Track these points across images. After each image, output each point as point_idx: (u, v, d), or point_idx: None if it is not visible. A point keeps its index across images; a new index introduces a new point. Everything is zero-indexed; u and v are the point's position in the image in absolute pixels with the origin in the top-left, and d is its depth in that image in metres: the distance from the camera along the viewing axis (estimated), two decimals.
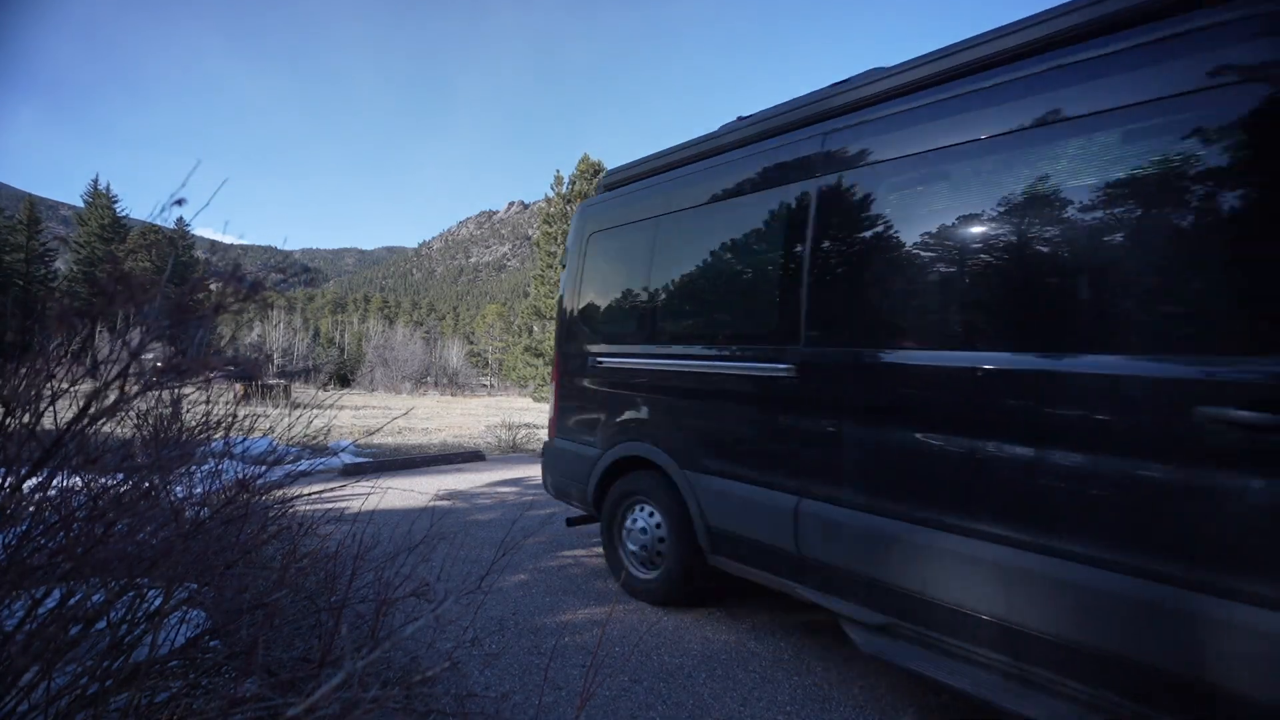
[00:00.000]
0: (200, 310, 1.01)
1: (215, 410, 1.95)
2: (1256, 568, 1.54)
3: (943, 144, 2.25)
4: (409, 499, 5.80)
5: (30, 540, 1.13)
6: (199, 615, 1.82)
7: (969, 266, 2.15)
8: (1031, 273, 2.00)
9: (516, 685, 2.45)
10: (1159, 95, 1.77)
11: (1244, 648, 1.54)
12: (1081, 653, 1.78)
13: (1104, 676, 1.75)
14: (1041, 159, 1.99)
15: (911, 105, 2.39)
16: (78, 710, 1.18)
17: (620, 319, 3.62)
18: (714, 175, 3.16)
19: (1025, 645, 1.89)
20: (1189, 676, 1.61)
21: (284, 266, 1.18)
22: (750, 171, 2.96)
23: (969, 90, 2.22)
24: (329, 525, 2.73)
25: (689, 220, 3.25)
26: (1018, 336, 2.01)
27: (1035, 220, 1.99)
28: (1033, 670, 1.89)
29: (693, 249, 3.21)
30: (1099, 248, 1.86)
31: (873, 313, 2.41)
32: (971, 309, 2.15)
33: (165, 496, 1.49)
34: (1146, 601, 1.67)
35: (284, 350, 49.82)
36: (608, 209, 3.81)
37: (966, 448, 2.06)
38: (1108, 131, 1.87)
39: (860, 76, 2.67)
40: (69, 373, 1.10)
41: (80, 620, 1.17)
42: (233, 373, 1.16)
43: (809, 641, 2.97)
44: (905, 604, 2.19)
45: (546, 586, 3.62)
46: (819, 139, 2.68)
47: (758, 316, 2.83)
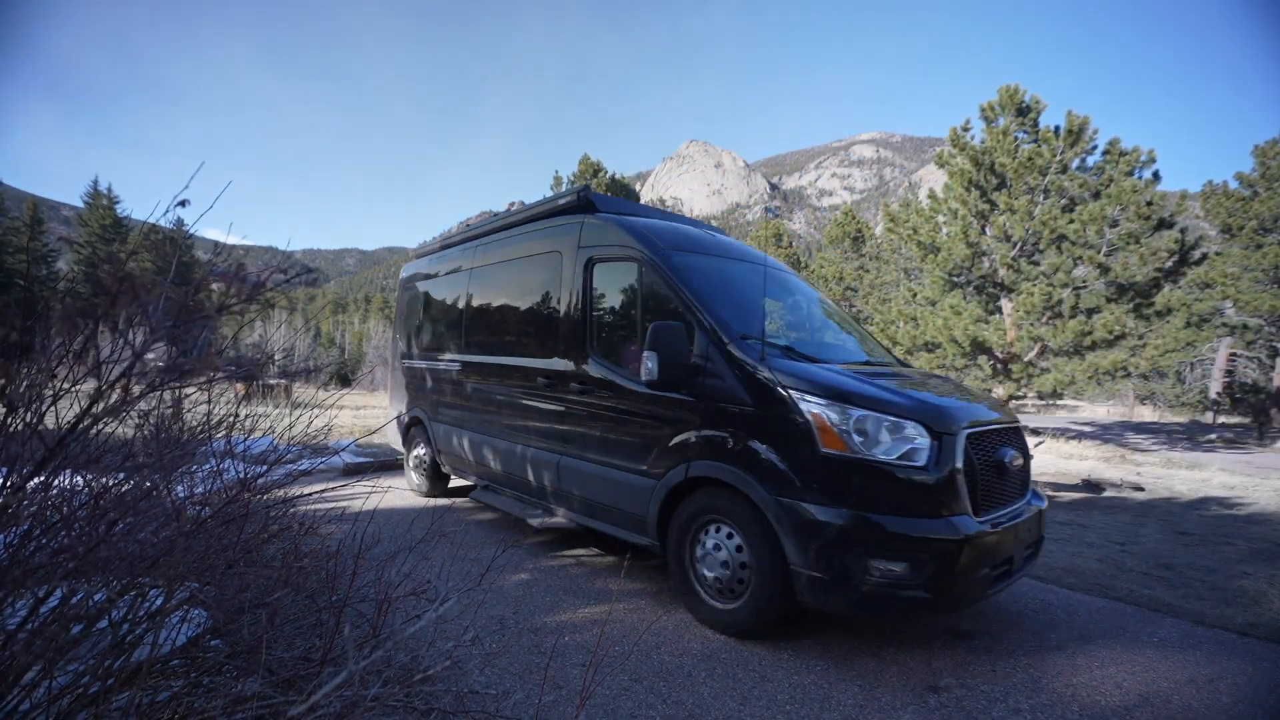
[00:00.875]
0: (204, 310, 1.01)
1: (217, 410, 1.96)
2: (580, 442, 3.84)
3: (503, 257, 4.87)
4: (410, 498, 5.81)
5: (33, 539, 1.14)
6: (200, 614, 1.82)
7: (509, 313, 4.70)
8: (515, 320, 4.62)
9: (517, 684, 2.45)
10: (546, 250, 4.33)
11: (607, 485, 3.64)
12: (539, 487, 4.21)
13: (557, 499, 4.07)
14: (515, 268, 4.69)
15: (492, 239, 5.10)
16: (79, 709, 1.19)
17: (411, 338, 6.17)
18: (439, 261, 5.87)
19: (528, 488, 4.33)
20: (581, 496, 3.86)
21: (286, 266, 1.18)
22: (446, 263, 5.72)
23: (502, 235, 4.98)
24: (330, 525, 2.73)
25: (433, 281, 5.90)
26: (516, 349, 4.53)
27: (514, 295, 4.66)
28: (530, 498, 4.38)
29: (432, 298, 5.88)
30: (525, 313, 4.50)
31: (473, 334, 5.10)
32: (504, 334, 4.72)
33: (167, 496, 1.50)
34: (545, 460, 4.09)
35: (285, 350, 50.05)
36: (412, 269, 6.44)
37: (500, 397, 4.62)
38: (530, 260, 4.50)
39: (479, 223, 5.43)
40: (71, 373, 1.11)
41: (82, 619, 1.18)
42: (235, 373, 1.17)
43: (808, 641, 2.97)
44: (491, 474, 4.77)
45: (547, 585, 3.62)
46: (472, 248, 5.34)
47: (449, 337, 5.46)
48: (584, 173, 26.54)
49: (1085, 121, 14.08)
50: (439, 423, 5.43)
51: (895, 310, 17.52)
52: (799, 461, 2.73)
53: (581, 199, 4.14)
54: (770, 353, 3.05)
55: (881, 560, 2.54)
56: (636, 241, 3.63)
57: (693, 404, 3.14)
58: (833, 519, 2.61)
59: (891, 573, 2.54)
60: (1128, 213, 13.40)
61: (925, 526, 2.55)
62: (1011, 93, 14.95)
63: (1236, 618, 3.44)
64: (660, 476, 3.26)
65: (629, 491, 3.45)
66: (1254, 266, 19.72)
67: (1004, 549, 2.75)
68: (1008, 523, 2.79)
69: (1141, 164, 14.00)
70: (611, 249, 3.79)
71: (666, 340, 3.04)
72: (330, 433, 2.47)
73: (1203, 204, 21.63)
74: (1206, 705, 2.49)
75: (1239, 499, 7.80)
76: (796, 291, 4.41)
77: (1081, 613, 3.48)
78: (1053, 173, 14.14)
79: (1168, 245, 13.28)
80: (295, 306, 11.03)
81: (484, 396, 4.81)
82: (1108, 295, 13.95)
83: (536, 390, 4.17)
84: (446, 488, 5.96)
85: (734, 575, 2.97)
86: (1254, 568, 4.49)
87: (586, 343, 3.84)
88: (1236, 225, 20.52)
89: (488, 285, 4.97)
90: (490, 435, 4.71)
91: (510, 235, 4.81)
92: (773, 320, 3.94)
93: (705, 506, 3.09)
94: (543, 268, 4.29)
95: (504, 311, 4.73)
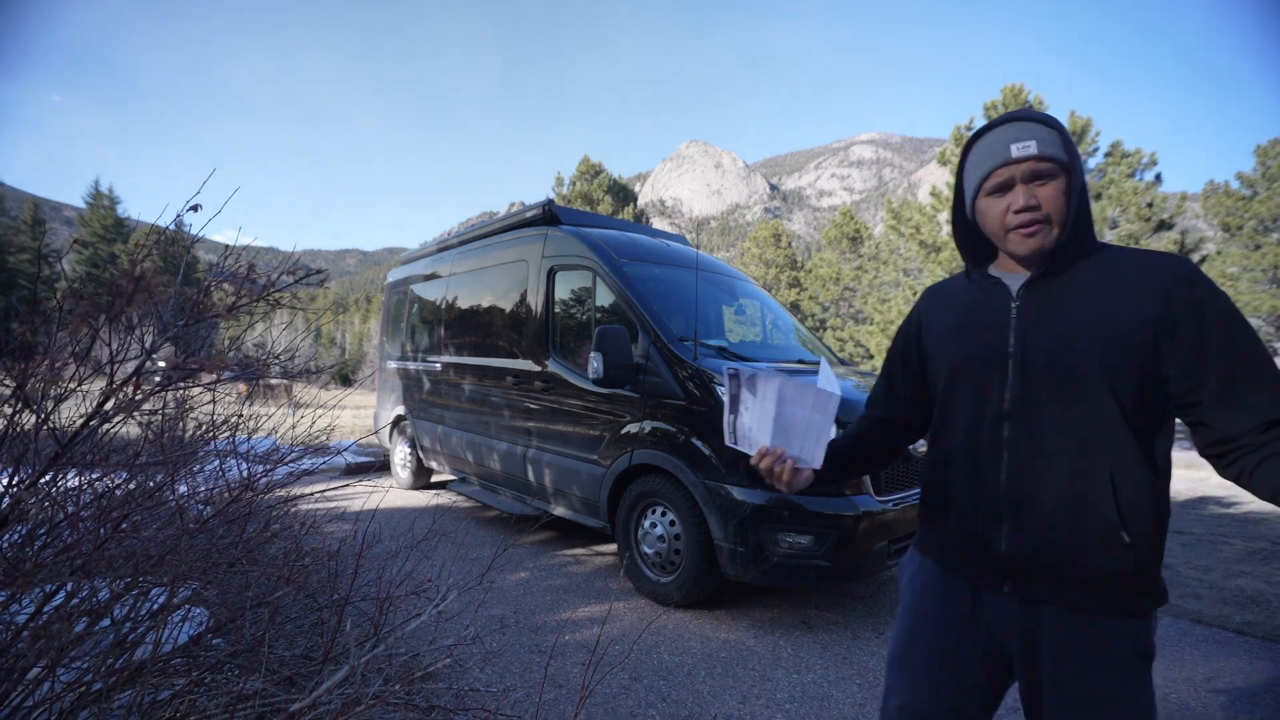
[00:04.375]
0: (214, 310, 1.02)
1: (220, 410, 1.97)
2: (542, 435, 4.18)
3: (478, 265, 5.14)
4: (410, 497, 5.82)
5: (39, 537, 1.15)
6: (202, 613, 1.83)
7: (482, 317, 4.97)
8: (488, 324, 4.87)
9: (517, 682, 2.47)
10: (515, 259, 4.64)
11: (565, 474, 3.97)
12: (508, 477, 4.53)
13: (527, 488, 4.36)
14: (488, 275, 4.97)
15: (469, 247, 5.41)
16: (82, 707, 1.20)
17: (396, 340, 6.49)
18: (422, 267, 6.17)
19: (501, 479, 4.64)
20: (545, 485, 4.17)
21: (295, 268, 1.19)
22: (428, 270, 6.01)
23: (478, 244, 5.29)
24: (331, 524, 2.74)
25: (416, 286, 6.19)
26: (488, 350, 4.80)
27: (487, 301, 4.93)
28: (499, 487, 4.73)
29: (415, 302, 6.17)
30: (496, 317, 4.76)
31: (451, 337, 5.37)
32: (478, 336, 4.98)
33: (171, 495, 1.51)
34: (518, 454, 4.36)
35: (288, 351, 50.11)
36: (398, 274, 6.74)
37: (475, 395, 4.91)
38: (500, 268, 4.81)
39: (459, 232, 5.77)
40: (78, 372, 1.12)
41: (87, 614, 1.19)
42: (240, 373, 1.18)
43: (808, 640, 2.98)
44: (468, 467, 5.06)
45: (547, 584, 3.63)
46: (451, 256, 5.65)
47: (429, 339, 5.74)
48: (584, 173, 26.54)
49: (1088, 123, 14.09)
50: (421, 420, 5.77)
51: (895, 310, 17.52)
52: (720, 448, 3.05)
53: (546, 212, 4.50)
54: (705, 352, 3.39)
55: (790, 534, 2.86)
56: (592, 252, 3.99)
57: (636, 399, 3.50)
58: (749, 498, 2.95)
59: (799, 545, 2.86)
60: (1128, 214, 13.41)
61: (827, 504, 2.85)
62: (1015, 92, 14.96)
63: (1234, 617, 3.45)
64: (609, 465, 3.63)
65: (584, 479, 3.82)
66: (1253, 267, 19.72)
67: (903, 525, 3.03)
68: (910, 502, 3.10)
69: (1143, 166, 14.01)
70: (571, 259, 4.14)
71: (611, 342, 3.37)
72: (332, 433, 2.48)
73: (1203, 203, 21.62)
74: (1204, 704, 2.50)
75: (1236, 498, 7.81)
76: (748, 296, 4.85)
77: None
78: None
79: (1168, 246, 13.29)
80: (300, 307, 11.26)
81: (460, 395, 5.14)
82: None
83: (506, 388, 4.52)
84: (430, 482, 6.34)
85: (670, 549, 3.33)
86: (1251, 567, 4.50)
87: (548, 344, 4.20)
88: (1236, 225, 20.52)
89: (464, 291, 5.31)
90: (466, 431, 5.04)
91: (485, 244, 5.17)
92: (727, 323, 4.51)
93: (647, 490, 3.44)
94: (512, 275, 4.66)
95: (478, 315, 5.05)
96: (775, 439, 1.18)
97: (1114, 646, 0.99)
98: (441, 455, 5.44)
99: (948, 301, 1.24)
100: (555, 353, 4.15)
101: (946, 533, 1.16)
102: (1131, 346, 0.97)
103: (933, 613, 1.17)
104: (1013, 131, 1.04)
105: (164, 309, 1.02)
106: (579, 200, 25.26)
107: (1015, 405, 1.05)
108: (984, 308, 1.14)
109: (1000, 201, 1.06)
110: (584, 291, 4.14)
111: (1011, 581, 1.06)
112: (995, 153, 1.05)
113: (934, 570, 1.19)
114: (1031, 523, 1.03)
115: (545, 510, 4.20)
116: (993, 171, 1.05)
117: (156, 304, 0.96)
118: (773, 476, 1.20)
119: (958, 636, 1.13)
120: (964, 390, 1.13)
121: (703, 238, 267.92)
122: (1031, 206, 1.02)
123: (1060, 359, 1.01)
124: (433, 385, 5.57)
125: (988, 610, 1.10)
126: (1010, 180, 1.03)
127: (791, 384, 1.12)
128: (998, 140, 1.05)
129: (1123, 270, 1.02)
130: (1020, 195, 1.03)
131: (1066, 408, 1.00)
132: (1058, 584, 1.02)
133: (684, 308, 3.88)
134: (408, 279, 6.35)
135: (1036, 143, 1.01)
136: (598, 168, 26.90)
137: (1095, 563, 0.99)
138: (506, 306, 4.65)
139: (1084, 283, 1.04)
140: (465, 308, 5.22)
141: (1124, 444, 0.98)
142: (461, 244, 5.57)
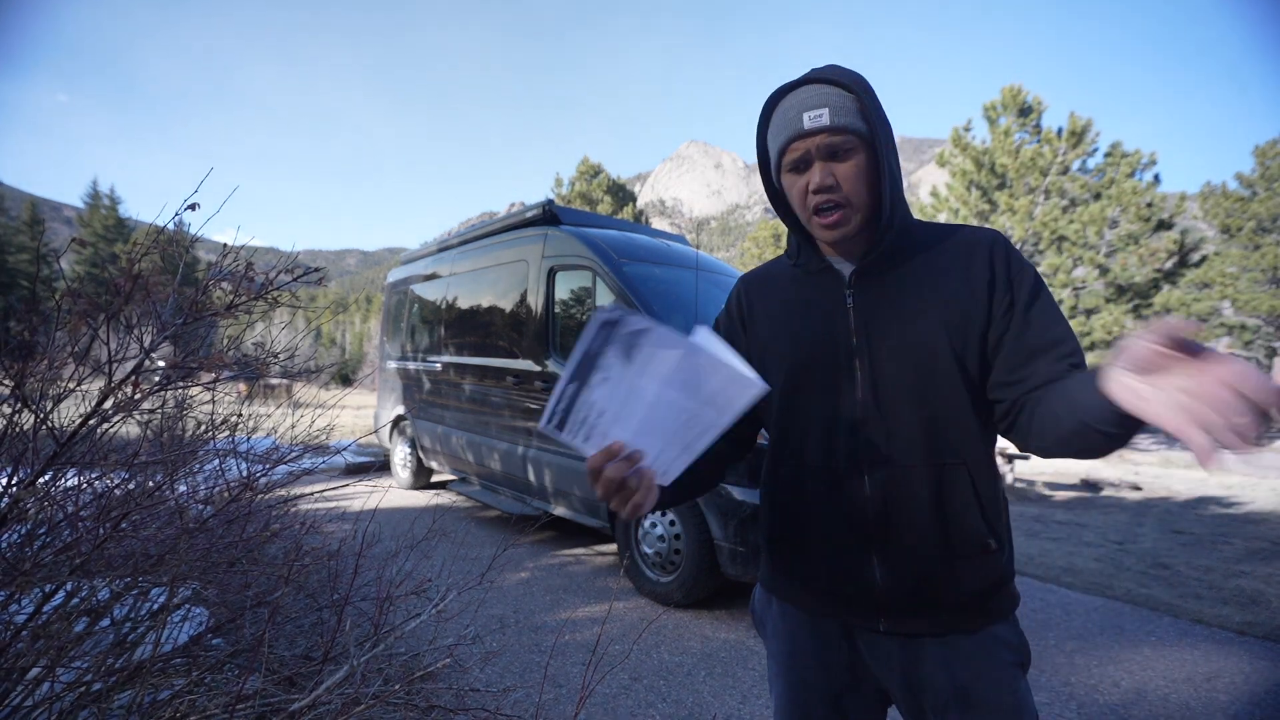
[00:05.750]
0: (213, 309, 1.02)
1: (219, 409, 1.97)
2: (543, 435, 4.00)
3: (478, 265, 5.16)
4: (410, 497, 5.82)
5: (38, 537, 1.15)
6: (202, 613, 1.83)
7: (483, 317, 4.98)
8: (488, 324, 4.87)
9: (517, 682, 2.47)
10: (515, 259, 4.66)
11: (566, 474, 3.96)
12: (508, 477, 4.54)
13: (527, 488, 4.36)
14: (488, 275, 4.98)
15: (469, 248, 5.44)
16: (82, 707, 1.20)
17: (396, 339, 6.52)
18: (422, 267, 6.21)
19: (502, 479, 4.67)
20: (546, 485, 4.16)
21: (293, 267, 1.19)
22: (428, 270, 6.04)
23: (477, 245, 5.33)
24: (331, 523, 2.74)
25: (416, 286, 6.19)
26: (488, 350, 4.81)
27: (487, 301, 4.94)
28: (499, 487, 4.76)
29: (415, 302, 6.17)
30: (497, 317, 4.76)
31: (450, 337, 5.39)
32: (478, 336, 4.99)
33: (170, 495, 1.51)
34: (519, 454, 4.36)
35: (288, 350, 50.34)
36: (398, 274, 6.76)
37: (475, 395, 4.92)
38: (501, 268, 4.83)
39: (459, 232, 5.83)
40: (76, 372, 1.12)
41: (88, 613, 1.19)
42: (240, 373, 1.18)
43: None
44: (469, 467, 5.09)
45: (547, 584, 3.63)
46: (451, 256, 5.67)
47: (429, 339, 5.76)
48: (583, 174, 26.54)
49: (1088, 124, 14.10)
50: (421, 420, 5.81)
51: None
52: None
53: (546, 212, 4.51)
54: None
55: None
56: (592, 252, 4.01)
57: None
58: (749, 498, 2.98)
59: None
60: (1127, 214, 13.43)
61: None
62: (1014, 93, 14.96)
63: (1234, 616, 3.45)
64: None
65: (584, 478, 3.84)
66: (1252, 267, 19.73)
67: None
68: None
69: (1143, 166, 14.02)
70: (571, 258, 4.16)
71: None
72: (332, 432, 2.48)
73: (1201, 204, 21.64)
74: (1204, 704, 2.50)
75: (1236, 498, 7.81)
76: None
77: (1079, 612, 3.49)
78: (1054, 174, 14.16)
79: (1167, 246, 13.31)
80: (300, 306, 11.08)
81: (460, 395, 5.16)
82: (1107, 296, 13.96)
83: (506, 388, 4.54)
84: (430, 481, 6.36)
85: (671, 549, 3.37)
86: (1251, 566, 4.50)
87: (548, 344, 4.21)
88: (1235, 226, 20.53)
89: (464, 291, 5.32)
90: (467, 431, 5.06)
91: (485, 244, 5.19)
92: None
93: None
94: (512, 275, 4.68)
95: (478, 315, 5.06)
96: (639, 435, 0.74)
97: (991, 658, 0.90)
98: (441, 455, 5.48)
99: (773, 292, 1.06)
100: (555, 352, 4.17)
101: (808, 571, 0.99)
102: (975, 320, 0.88)
103: (812, 679, 1.00)
104: (805, 96, 0.88)
105: (163, 308, 1.02)
106: (578, 200, 25.26)
107: (869, 410, 0.91)
108: (817, 300, 0.98)
109: (800, 179, 0.91)
110: (584, 291, 4.17)
111: (887, 618, 0.92)
112: (789, 122, 0.89)
113: (797, 616, 1.02)
114: (900, 549, 0.90)
115: (545, 510, 4.22)
116: (788, 145, 0.90)
117: (155, 303, 0.96)
118: (614, 492, 0.74)
119: (845, 694, 0.98)
120: (809, 397, 0.97)
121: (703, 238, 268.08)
122: (827, 186, 0.88)
123: (910, 351, 0.90)
124: (433, 385, 5.60)
125: (865, 654, 0.96)
126: (808, 156, 0.89)
127: (700, 358, 0.72)
128: (792, 107, 0.89)
129: (949, 246, 0.93)
130: (816, 173, 0.88)
131: (921, 406, 0.90)
132: (934, 611, 0.90)
133: (684, 308, 3.90)
134: (408, 279, 6.38)
135: (829, 111, 0.86)
136: (597, 168, 26.90)
137: (969, 578, 0.89)
138: (507, 306, 4.66)
139: (917, 264, 0.93)
140: (465, 308, 5.24)
141: (976, 439, 0.90)
142: (462, 244, 5.61)
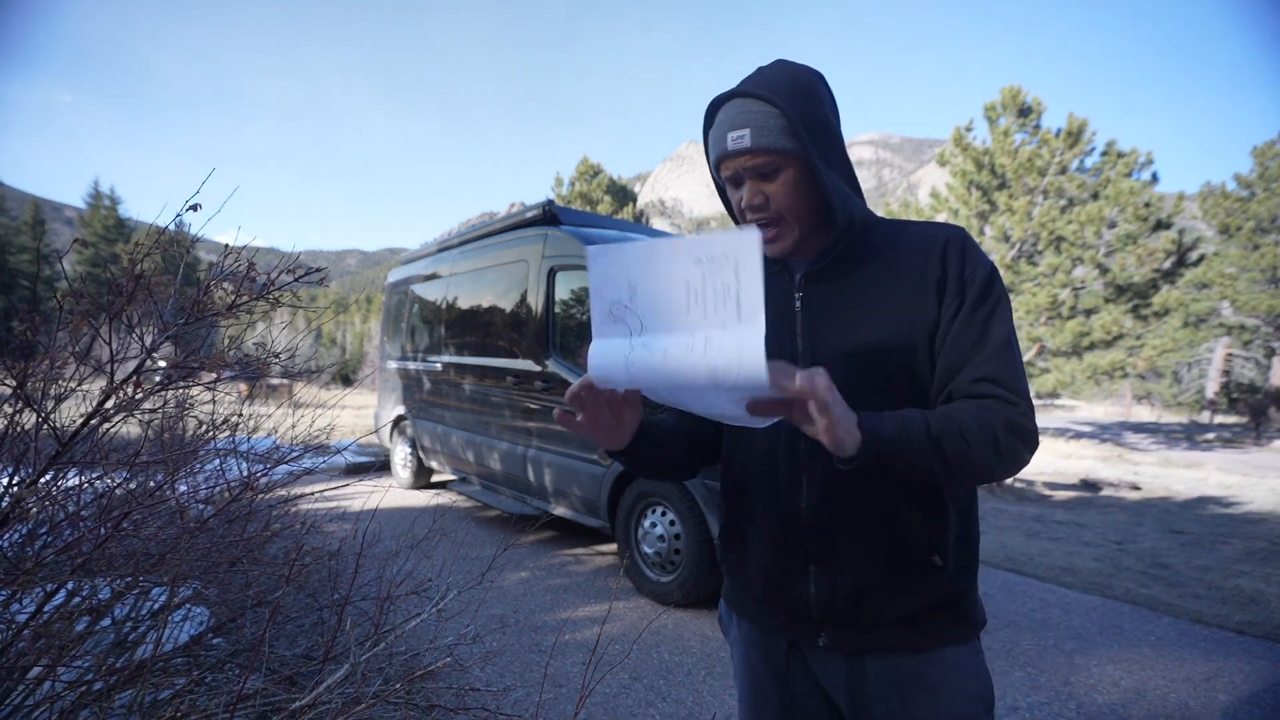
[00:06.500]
0: (214, 309, 1.03)
1: (220, 409, 1.97)
2: (543, 435, 4.23)
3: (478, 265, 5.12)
4: (411, 497, 5.82)
5: (40, 536, 1.15)
6: (202, 612, 1.83)
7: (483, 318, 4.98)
8: (488, 324, 4.87)
9: (517, 681, 2.47)
10: (515, 259, 4.62)
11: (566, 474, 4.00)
12: (509, 477, 4.57)
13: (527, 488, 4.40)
14: (488, 275, 4.95)
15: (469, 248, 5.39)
16: (83, 706, 1.20)
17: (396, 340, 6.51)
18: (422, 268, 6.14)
19: (502, 479, 4.68)
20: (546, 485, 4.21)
21: (294, 267, 1.19)
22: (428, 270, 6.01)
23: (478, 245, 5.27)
24: (332, 523, 2.74)
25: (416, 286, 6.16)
26: (489, 350, 4.81)
27: (487, 301, 4.92)
28: (499, 487, 4.79)
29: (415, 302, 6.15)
30: (497, 317, 4.75)
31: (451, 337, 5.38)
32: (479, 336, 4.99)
33: (171, 494, 1.51)
34: (519, 454, 4.41)
35: (289, 350, 50.54)
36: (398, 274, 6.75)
37: (476, 395, 4.92)
38: (501, 269, 4.79)
39: (459, 232, 5.72)
40: (77, 372, 1.12)
41: (89, 613, 1.19)
42: (241, 373, 1.18)
43: None
44: (469, 467, 5.11)
45: (547, 584, 3.63)
46: (452, 256, 5.64)
47: (429, 339, 5.74)
48: (583, 174, 26.54)
49: (1084, 123, 14.10)
50: (422, 420, 5.82)
51: None
52: None
53: (546, 212, 4.50)
54: None
55: None
56: None
57: None
58: None
59: None
60: (1125, 214, 13.43)
61: None
62: (1014, 93, 14.96)
63: (1233, 616, 3.45)
64: (609, 464, 3.67)
65: (584, 478, 3.89)
66: (1251, 267, 19.75)
67: None
68: None
69: (1140, 165, 14.03)
70: (571, 259, 4.17)
71: None
72: (332, 432, 2.48)
73: (1200, 204, 21.67)
74: (1203, 703, 2.50)
75: (1235, 498, 7.82)
76: None
77: (1078, 611, 3.49)
78: (1052, 173, 14.17)
79: (1165, 246, 13.31)
80: (301, 306, 11.02)
81: (461, 394, 5.18)
82: (1106, 296, 13.97)
83: (506, 388, 4.56)
84: (430, 481, 6.40)
85: (671, 548, 3.38)
86: (1250, 566, 4.51)
87: (548, 344, 4.24)
88: (1234, 226, 20.55)
89: (464, 291, 5.33)
90: (467, 431, 5.09)
91: (485, 245, 5.19)
92: None
93: (647, 490, 3.49)
94: (512, 275, 4.69)
95: (479, 315, 5.08)
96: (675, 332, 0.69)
97: (948, 683, 0.87)
98: (442, 455, 5.49)
99: None
100: (555, 352, 4.19)
101: (750, 581, 0.98)
102: (923, 322, 0.85)
103: (765, 690, 0.99)
104: (731, 114, 0.86)
105: (164, 308, 1.03)
106: (578, 201, 25.27)
107: None
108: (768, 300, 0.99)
109: (737, 193, 0.90)
110: (584, 291, 4.19)
111: (826, 633, 0.91)
112: (718, 140, 0.87)
113: (750, 629, 1.01)
114: (839, 559, 0.88)
115: (545, 510, 4.24)
116: (719, 163, 0.89)
117: (157, 303, 0.96)
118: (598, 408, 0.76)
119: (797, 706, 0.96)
120: None
121: None
122: (756, 205, 0.87)
123: (854, 356, 0.87)
124: (433, 385, 5.61)
125: (812, 666, 0.95)
126: (738, 174, 0.87)
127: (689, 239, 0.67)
128: (720, 125, 0.87)
129: (903, 245, 0.90)
130: (746, 191, 0.87)
131: None
132: (874, 627, 0.88)
133: None
134: (408, 279, 6.39)
135: (750, 132, 0.83)
136: (596, 168, 26.90)
137: (909, 595, 0.87)
138: (507, 306, 4.68)
139: (870, 266, 0.90)
140: (466, 308, 5.25)
141: None
142: (462, 244, 5.62)
